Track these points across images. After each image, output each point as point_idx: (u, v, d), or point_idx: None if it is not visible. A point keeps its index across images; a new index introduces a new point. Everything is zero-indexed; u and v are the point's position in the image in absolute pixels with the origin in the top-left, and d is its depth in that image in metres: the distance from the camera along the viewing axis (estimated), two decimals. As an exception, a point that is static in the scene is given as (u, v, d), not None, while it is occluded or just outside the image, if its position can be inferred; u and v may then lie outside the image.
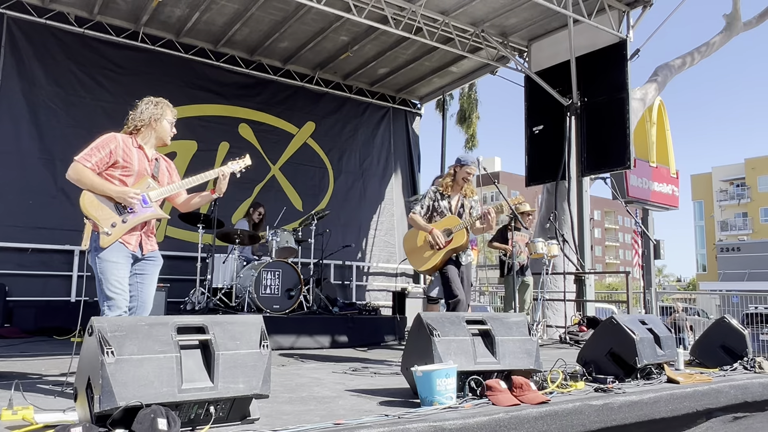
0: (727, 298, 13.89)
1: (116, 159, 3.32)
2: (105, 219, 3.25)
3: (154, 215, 3.43)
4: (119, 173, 3.34)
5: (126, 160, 3.34)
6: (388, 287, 10.67)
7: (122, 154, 3.33)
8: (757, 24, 11.89)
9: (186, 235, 8.46)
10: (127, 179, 3.35)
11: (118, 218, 3.28)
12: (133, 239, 3.34)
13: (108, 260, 3.22)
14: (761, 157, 47.63)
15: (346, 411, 2.82)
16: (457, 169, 5.10)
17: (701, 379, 3.98)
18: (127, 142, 3.40)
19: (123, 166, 3.33)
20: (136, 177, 3.38)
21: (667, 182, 13.57)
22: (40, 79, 7.98)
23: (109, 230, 3.23)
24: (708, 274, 45.81)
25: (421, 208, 5.13)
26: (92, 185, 3.25)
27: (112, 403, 2.12)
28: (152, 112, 3.45)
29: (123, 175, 3.34)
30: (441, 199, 5.13)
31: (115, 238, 3.25)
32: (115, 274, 3.23)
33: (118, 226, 3.26)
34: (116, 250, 3.26)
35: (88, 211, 3.26)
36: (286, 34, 9.13)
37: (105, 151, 3.29)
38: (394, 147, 11.34)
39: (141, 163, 3.40)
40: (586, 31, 8.26)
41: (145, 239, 3.42)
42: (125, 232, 3.29)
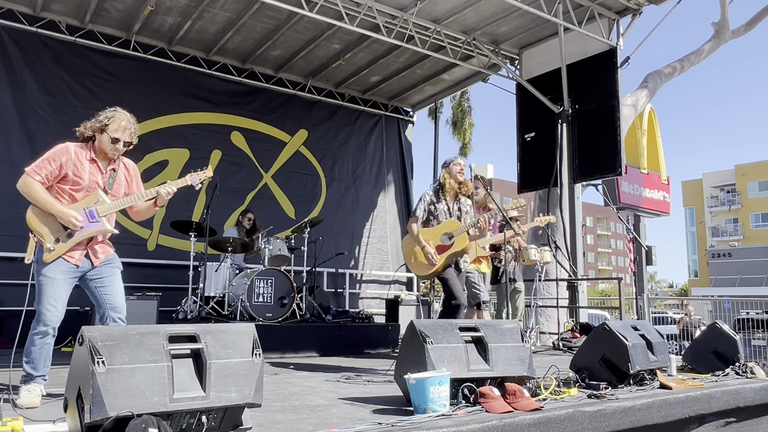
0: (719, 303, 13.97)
1: (66, 172, 3.28)
2: (48, 234, 3.24)
3: (101, 230, 3.37)
4: (69, 187, 3.30)
5: (76, 174, 3.29)
6: (381, 295, 10.66)
7: (72, 167, 3.29)
8: (745, 32, 12.02)
9: (178, 244, 8.43)
10: (76, 193, 3.32)
11: (63, 233, 3.26)
12: (77, 254, 3.32)
13: (46, 276, 3.24)
14: (751, 164, 48.07)
15: (339, 419, 2.81)
16: (446, 172, 5.14)
17: (694, 384, 3.99)
18: (80, 154, 3.34)
19: (73, 181, 3.29)
20: (86, 191, 3.34)
21: (659, 189, 13.65)
22: (31, 88, 7.95)
23: (52, 246, 3.23)
24: (700, 279, 46.06)
25: (422, 212, 5.12)
26: (38, 201, 3.24)
27: (103, 414, 2.10)
28: (97, 122, 3.37)
29: (73, 189, 3.31)
30: (437, 202, 5.12)
31: (57, 253, 3.25)
32: (50, 292, 3.24)
33: (62, 242, 3.25)
34: (56, 266, 3.26)
35: (33, 226, 3.26)
36: (278, 43, 9.15)
37: (55, 165, 3.26)
38: (387, 154, 11.35)
39: (92, 176, 3.35)
40: (577, 39, 8.32)
41: (95, 251, 3.39)
42: (69, 248, 3.27)
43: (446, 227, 5.05)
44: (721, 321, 5.12)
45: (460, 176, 5.10)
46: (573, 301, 8.65)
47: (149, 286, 7.58)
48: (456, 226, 5.01)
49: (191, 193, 9.03)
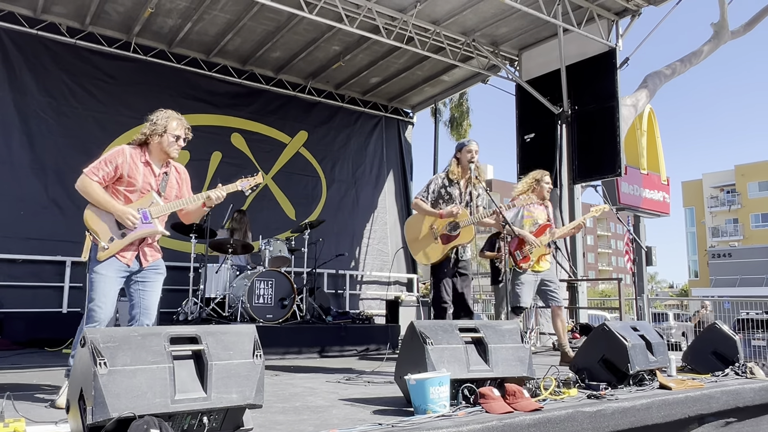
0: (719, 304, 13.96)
1: (121, 173, 3.39)
2: (104, 233, 3.34)
3: (153, 232, 3.50)
4: (124, 188, 3.42)
5: (131, 175, 3.41)
6: (381, 296, 10.67)
7: (128, 169, 3.41)
8: (744, 33, 12.01)
9: (178, 245, 8.43)
10: (131, 195, 3.43)
11: (118, 232, 3.37)
12: (129, 253, 3.42)
13: (99, 273, 3.32)
14: (751, 164, 48.06)
15: (339, 420, 2.82)
16: (459, 154, 4.96)
17: (693, 385, 4.00)
18: (135, 157, 3.46)
19: (128, 182, 3.41)
20: (140, 193, 3.45)
21: (658, 189, 13.66)
22: (32, 90, 7.97)
23: (106, 244, 3.33)
24: (700, 280, 46.06)
25: (426, 193, 4.96)
26: (97, 200, 3.35)
27: (105, 415, 2.11)
28: (155, 126, 3.49)
29: (127, 191, 3.43)
30: (449, 185, 4.96)
31: (111, 252, 3.34)
32: (101, 288, 3.31)
33: (116, 241, 3.35)
34: (109, 265, 3.35)
35: (89, 225, 3.36)
36: (278, 44, 9.16)
37: (112, 166, 3.38)
38: (387, 156, 11.37)
39: (146, 178, 3.47)
40: (576, 40, 8.34)
41: (144, 253, 3.49)
42: (122, 248, 3.37)
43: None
44: (721, 321, 5.12)
45: (468, 164, 4.90)
46: (573, 301, 8.66)
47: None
48: (464, 217, 4.83)
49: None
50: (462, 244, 4.90)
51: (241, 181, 3.85)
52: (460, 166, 4.98)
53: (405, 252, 11.37)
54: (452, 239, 4.84)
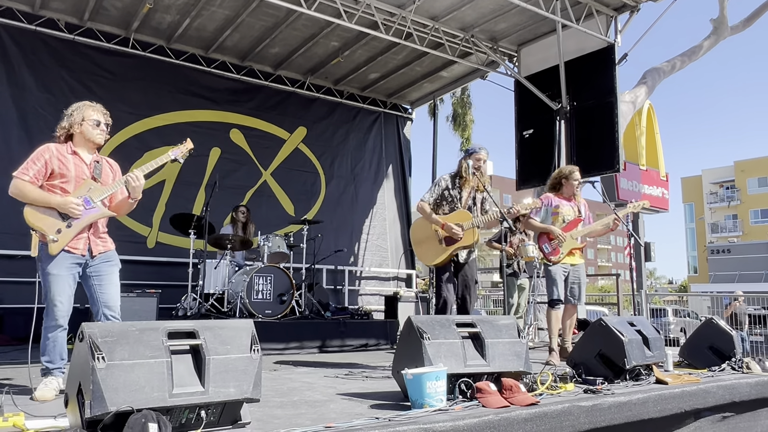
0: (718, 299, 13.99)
1: (52, 168, 3.40)
2: (50, 227, 3.33)
3: (100, 215, 3.48)
4: (58, 182, 3.41)
5: (61, 168, 3.42)
6: (380, 291, 10.69)
7: (57, 163, 3.42)
8: (743, 28, 12.02)
9: (177, 241, 8.45)
10: (67, 186, 3.42)
11: (63, 224, 3.36)
12: (81, 243, 3.42)
13: (51, 273, 3.33)
14: (750, 160, 48.04)
15: (337, 414, 2.83)
16: (468, 160, 4.99)
17: (690, 379, 4.02)
18: (61, 149, 3.49)
19: (60, 174, 3.41)
20: (75, 182, 3.44)
21: (657, 185, 13.69)
22: (30, 86, 7.96)
23: (55, 237, 3.32)
24: (699, 276, 46.09)
25: (431, 195, 4.99)
26: (34, 199, 3.35)
27: (103, 409, 2.13)
28: (71, 118, 3.55)
29: (62, 184, 3.42)
30: (452, 188, 5.00)
31: (62, 243, 3.34)
32: (55, 288, 3.33)
33: (64, 232, 3.34)
34: (60, 262, 3.35)
35: (32, 223, 3.35)
36: (277, 40, 9.15)
37: (40, 163, 3.40)
38: (386, 152, 11.37)
39: (78, 168, 3.47)
40: (575, 36, 8.33)
41: (95, 241, 3.48)
42: (72, 238, 3.36)
43: (457, 218, 4.89)
44: (718, 317, 5.14)
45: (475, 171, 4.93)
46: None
47: (149, 283, 7.61)
48: (467, 219, 4.85)
49: (191, 191, 9.09)
50: (465, 247, 4.92)
51: (172, 150, 3.74)
52: (465, 171, 5.02)
53: (404, 248, 11.39)
54: (455, 242, 4.87)
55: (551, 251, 5.47)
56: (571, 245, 5.47)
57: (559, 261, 5.46)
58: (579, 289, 5.57)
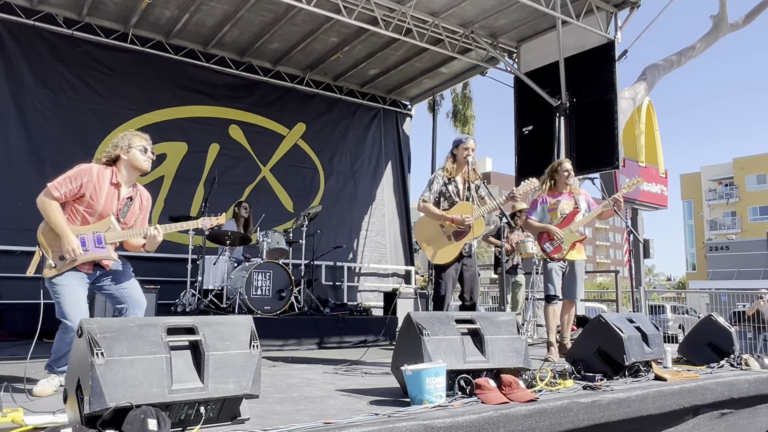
0: (717, 296, 14.01)
1: (84, 193, 3.36)
2: (55, 251, 3.32)
3: (103, 257, 3.45)
4: (83, 208, 3.39)
5: (93, 197, 3.38)
6: (379, 288, 10.69)
7: (92, 190, 3.37)
8: (743, 25, 12.00)
9: (176, 237, 8.43)
10: (89, 217, 3.41)
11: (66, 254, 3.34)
12: (86, 267, 3.44)
13: (60, 284, 3.33)
14: (749, 157, 48.09)
15: (336, 410, 2.83)
16: (456, 151, 4.96)
17: (688, 376, 4.03)
18: (102, 177, 3.43)
19: (88, 203, 3.39)
20: (99, 217, 3.42)
21: (656, 182, 13.66)
22: (29, 81, 7.93)
23: (54, 263, 3.31)
24: (697, 272, 46.16)
25: (430, 194, 4.93)
26: (52, 222, 3.31)
27: (102, 404, 2.13)
28: (117, 147, 3.50)
29: (86, 212, 3.40)
30: (448, 183, 4.96)
31: (58, 272, 3.33)
32: (69, 298, 3.33)
33: (67, 261, 3.33)
34: (68, 275, 3.35)
35: (41, 240, 3.34)
36: (276, 36, 9.13)
37: (76, 183, 3.35)
38: (385, 148, 11.35)
39: (108, 202, 3.44)
40: (575, 32, 8.32)
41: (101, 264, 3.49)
42: (70, 267, 3.35)
43: (460, 210, 4.84)
44: (717, 313, 5.14)
45: (464, 161, 4.88)
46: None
47: (148, 279, 7.59)
48: (470, 210, 4.80)
49: (190, 187, 9.08)
50: (474, 238, 4.90)
51: (203, 220, 3.80)
52: (456, 163, 4.99)
53: (403, 244, 11.38)
54: (465, 234, 4.84)
55: (553, 249, 5.47)
56: (572, 239, 5.47)
57: (562, 258, 5.46)
58: (576, 285, 5.57)
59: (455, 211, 4.87)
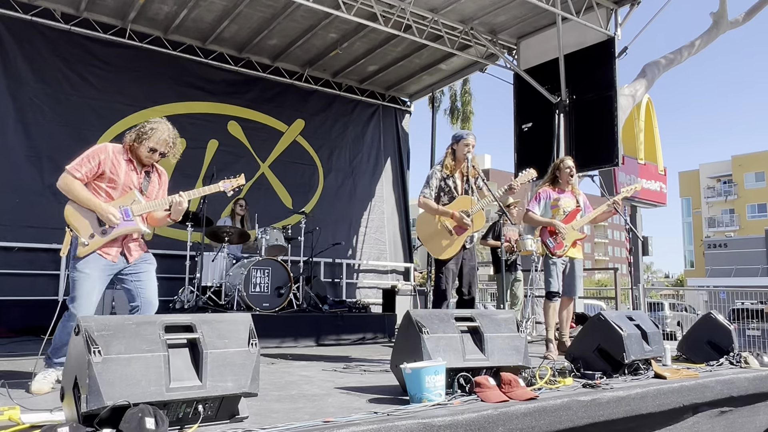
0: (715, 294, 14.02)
1: (103, 170, 3.40)
2: (85, 229, 3.34)
3: (135, 229, 3.48)
4: (105, 185, 3.42)
5: (113, 172, 3.42)
6: (378, 285, 10.67)
7: (110, 165, 3.41)
8: (743, 22, 11.96)
9: (175, 234, 8.42)
10: (113, 192, 3.43)
11: (98, 229, 3.37)
12: (113, 251, 3.42)
13: (81, 271, 3.33)
14: (748, 155, 48.13)
15: (335, 409, 2.82)
16: (455, 146, 4.92)
17: (688, 374, 4.02)
18: (118, 154, 3.47)
19: (109, 179, 3.41)
20: (122, 190, 3.45)
21: (655, 179, 13.65)
22: (27, 77, 7.89)
23: (86, 240, 3.33)
24: (696, 270, 46.25)
25: (430, 190, 4.89)
26: (78, 197, 3.35)
27: (99, 403, 2.11)
28: (141, 132, 3.51)
29: (109, 187, 3.43)
30: (447, 178, 4.93)
31: (91, 248, 3.34)
32: (83, 288, 3.32)
33: (96, 238, 3.35)
34: (92, 262, 3.35)
35: (70, 221, 3.36)
36: (275, 32, 9.09)
37: (94, 162, 3.38)
38: (384, 145, 11.33)
39: (128, 176, 3.47)
40: (575, 29, 8.29)
41: (129, 248, 3.50)
42: (103, 244, 3.37)
43: (460, 205, 4.81)
44: (716, 311, 5.13)
45: (463, 157, 4.86)
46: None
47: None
48: (470, 204, 4.78)
49: (188, 183, 9.01)
50: (476, 231, 4.89)
51: (224, 182, 3.84)
52: (455, 158, 4.96)
53: (402, 241, 11.37)
54: (466, 229, 4.82)
55: (555, 245, 5.45)
56: (573, 236, 5.46)
57: (564, 254, 5.45)
58: (576, 283, 5.56)
59: (455, 206, 4.85)
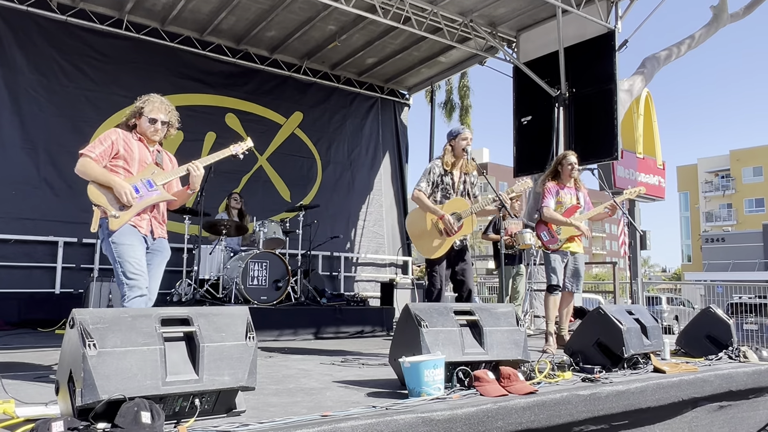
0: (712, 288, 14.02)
1: (117, 149, 3.43)
2: (112, 202, 3.36)
3: (161, 198, 3.52)
4: (122, 164, 3.45)
5: (126, 150, 3.46)
6: (376, 278, 10.66)
7: (123, 144, 3.45)
8: (743, 16, 11.92)
9: (172, 226, 8.30)
10: (130, 168, 3.47)
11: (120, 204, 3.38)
12: (144, 222, 3.45)
13: (122, 243, 3.32)
14: (746, 149, 48.12)
15: (333, 402, 2.80)
16: (453, 142, 4.86)
17: (687, 368, 4.01)
18: (128, 135, 3.52)
19: (125, 158, 3.45)
20: (139, 166, 3.49)
21: (654, 173, 13.64)
22: (22, 67, 7.83)
23: (116, 213, 3.34)
24: (693, 264, 46.33)
25: (427, 184, 4.82)
26: (96, 176, 3.36)
27: (95, 397, 2.08)
28: (134, 108, 3.54)
29: (126, 167, 3.45)
30: (444, 174, 4.86)
31: (123, 220, 3.35)
32: (132, 255, 3.32)
33: (125, 209, 3.36)
34: (129, 233, 3.36)
35: (94, 199, 3.37)
36: (273, 23, 9.03)
37: (107, 143, 3.42)
38: (383, 137, 11.29)
39: (142, 152, 3.52)
40: (575, 22, 8.24)
41: (156, 224, 3.53)
42: (135, 214, 3.39)
43: (453, 206, 4.77)
44: (715, 305, 5.12)
45: (462, 153, 4.82)
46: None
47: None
48: (464, 207, 4.74)
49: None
50: (465, 235, 4.85)
51: (234, 146, 3.88)
52: (453, 154, 4.90)
53: (400, 235, 11.34)
54: (457, 231, 4.76)
55: (550, 239, 5.44)
56: (569, 232, 5.43)
57: (557, 248, 5.42)
58: (577, 278, 5.54)
59: (449, 206, 4.79)
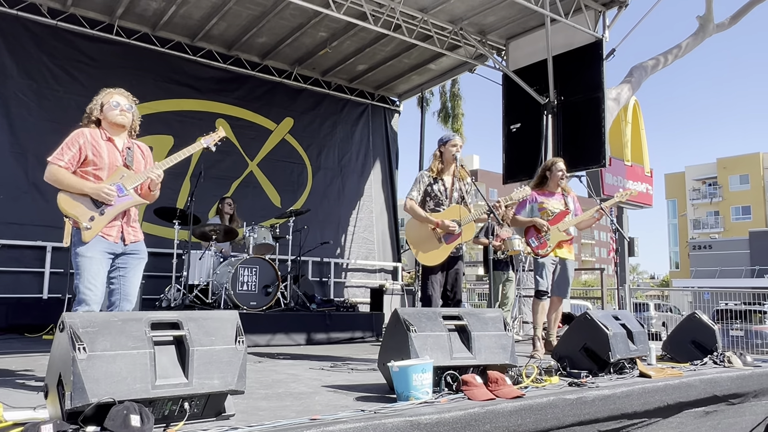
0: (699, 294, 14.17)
1: (86, 154, 3.36)
2: (83, 214, 3.30)
3: (132, 203, 3.47)
4: (91, 168, 3.38)
5: (95, 154, 3.38)
6: (366, 284, 10.67)
7: (91, 148, 3.38)
8: (729, 26, 12.10)
9: (162, 231, 8.35)
10: (100, 173, 3.39)
11: (96, 211, 3.33)
12: (114, 231, 3.39)
13: (84, 256, 3.28)
14: (733, 157, 48.68)
15: (322, 407, 2.81)
16: (443, 149, 4.87)
17: (672, 373, 4.05)
18: (95, 135, 3.44)
19: (93, 162, 3.38)
20: (108, 170, 3.41)
21: (642, 181, 13.77)
22: (12, 72, 7.80)
23: (88, 224, 3.29)
24: (681, 271, 46.69)
25: (418, 193, 4.82)
26: (68, 185, 3.31)
27: (84, 400, 2.09)
28: (92, 106, 3.48)
29: (95, 171, 3.39)
30: (434, 183, 4.85)
31: (96, 231, 3.31)
32: (89, 270, 3.27)
33: (97, 219, 3.32)
34: (94, 245, 3.31)
35: (66, 210, 3.32)
36: (264, 29, 9.06)
37: (75, 148, 3.35)
38: (373, 144, 11.33)
39: (111, 155, 3.44)
40: (563, 31, 8.34)
41: (127, 229, 3.47)
42: (106, 224, 3.34)
43: (451, 214, 4.75)
44: (701, 311, 5.19)
45: (452, 159, 4.81)
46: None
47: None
48: (463, 214, 4.72)
49: (176, 181, 8.98)
50: (464, 242, 4.86)
51: (204, 138, 3.84)
52: (443, 161, 4.89)
53: (390, 241, 11.37)
54: (455, 238, 4.76)
55: (538, 245, 5.47)
56: (558, 237, 5.47)
57: (547, 254, 5.46)
58: (566, 284, 5.58)
59: (447, 215, 4.77)
